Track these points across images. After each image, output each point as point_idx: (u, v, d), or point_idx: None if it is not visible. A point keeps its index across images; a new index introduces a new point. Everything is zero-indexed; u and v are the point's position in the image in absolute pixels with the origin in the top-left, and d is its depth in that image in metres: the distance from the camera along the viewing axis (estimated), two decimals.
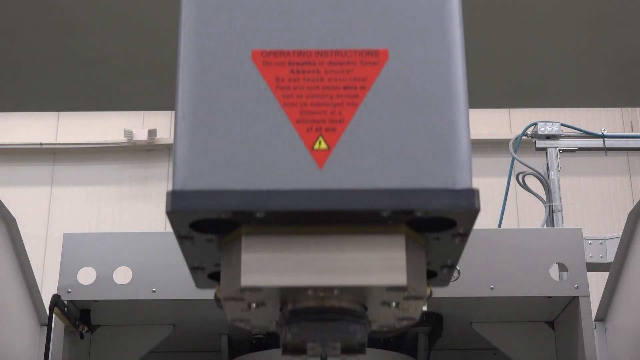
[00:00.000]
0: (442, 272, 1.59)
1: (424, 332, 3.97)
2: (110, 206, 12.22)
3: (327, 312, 1.41)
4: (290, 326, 1.43)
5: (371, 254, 1.37)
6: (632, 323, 3.69)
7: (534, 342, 3.88)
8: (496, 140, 11.66)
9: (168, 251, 3.65)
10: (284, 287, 1.37)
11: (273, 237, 1.38)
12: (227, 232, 1.43)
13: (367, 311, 1.48)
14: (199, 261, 1.53)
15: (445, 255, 1.52)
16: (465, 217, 1.37)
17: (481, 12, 2.31)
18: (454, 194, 1.35)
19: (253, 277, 1.36)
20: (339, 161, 1.38)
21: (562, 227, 6.55)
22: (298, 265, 1.36)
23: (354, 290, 1.39)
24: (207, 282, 1.61)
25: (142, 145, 12.35)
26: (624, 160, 12.10)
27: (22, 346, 3.74)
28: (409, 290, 1.39)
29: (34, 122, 12.39)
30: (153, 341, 3.85)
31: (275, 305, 1.46)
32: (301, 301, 1.43)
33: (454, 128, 1.43)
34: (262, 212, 1.34)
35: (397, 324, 1.55)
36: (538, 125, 7.01)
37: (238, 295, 1.41)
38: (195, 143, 1.40)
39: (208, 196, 1.35)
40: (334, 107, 1.40)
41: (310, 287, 1.38)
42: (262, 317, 1.51)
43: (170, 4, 2.32)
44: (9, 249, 3.63)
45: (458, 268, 3.60)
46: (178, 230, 1.43)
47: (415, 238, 1.43)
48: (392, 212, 1.34)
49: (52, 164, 12.49)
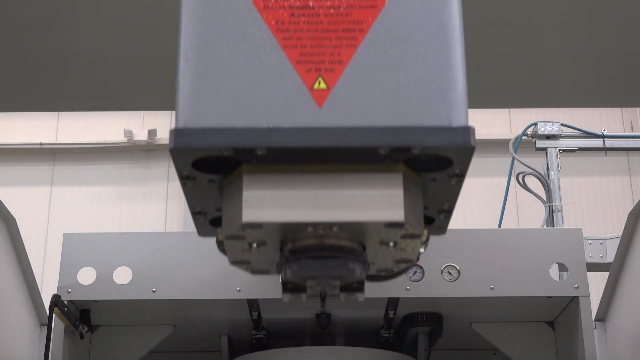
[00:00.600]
0: (439, 218, 1.60)
1: (424, 332, 3.97)
2: (110, 206, 12.22)
3: (327, 250, 1.43)
4: (290, 264, 1.45)
5: (369, 191, 1.39)
6: (632, 323, 3.69)
7: (534, 342, 3.88)
8: (496, 140, 11.65)
9: (168, 251, 3.65)
10: (284, 224, 1.40)
11: (273, 175, 1.40)
12: (228, 172, 1.45)
13: (366, 252, 1.50)
14: (201, 205, 1.54)
15: (442, 199, 1.54)
16: (461, 154, 1.40)
17: (481, 12, 2.31)
18: (450, 131, 1.37)
19: (254, 213, 1.38)
20: (338, 100, 1.41)
21: (562, 227, 6.56)
22: (298, 202, 1.39)
23: (353, 228, 1.41)
24: (208, 228, 1.62)
25: (142, 145, 12.34)
26: (624, 160, 12.10)
27: (22, 346, 3.74)
28: (406, 228, 1.40)
29: (34, 122, 12.38)
30: (153, 341, 3.85)
31: (275, 246, 1.48)
32: (301, 240, 1.45)
33: (450, 68, 1.45)
34: (262, 149, 1.36)
35: (395, 267, 1.57)
36: (538, 125, 7.01)
37: (239, 233, 1.42)
38: (198, 83, 1.43)
39: (210, 133, 1.38)
40: (333, 48, 1.43)
41: (310, 223, 1.39)
42: (262, 259, 1.53)
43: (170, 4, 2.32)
44: (9, 249, 3.63)
45: (458, 268, 3.60)
46: (180, 169, 1.45)
47: (413, 177, 1.45)
48: (389, 150, 1.37)
49: (52, 164, 12.48)
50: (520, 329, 3.88)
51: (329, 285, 1.52)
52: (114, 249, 3.65)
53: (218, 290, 3.57)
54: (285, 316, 3.86)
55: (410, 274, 3.61)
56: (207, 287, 3.57)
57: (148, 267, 3.60)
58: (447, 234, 3.69)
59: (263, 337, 3.97)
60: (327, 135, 1.37)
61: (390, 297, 3.60)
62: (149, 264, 3.61)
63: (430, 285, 3.58)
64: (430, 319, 3.83)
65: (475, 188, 11.79)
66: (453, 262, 3.62)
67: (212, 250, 3.65)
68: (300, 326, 3.98)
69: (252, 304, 3.66)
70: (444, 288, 3.58)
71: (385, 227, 1.41)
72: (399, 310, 3.76)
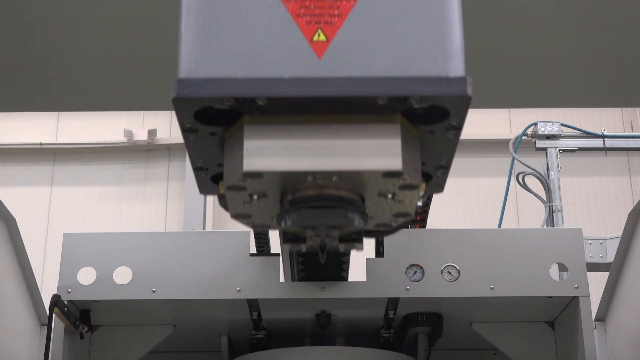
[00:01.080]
0: (437, 175, 1.61)
1: (424, 332, 3.97)
2: (110, 206, 12.22)
3: (326, 200, 1.46)
4: (290, 213, 1.47)
5: (368, 140, 1.42)
6: (632, 323, 3.69)
7: (534, 342, 3.88)
8: (496, 140, 11.65)
9: (168, 251, 3.65)
10: (285, 173, 1.42)
11: (274, 125, 1.43)
12: (229, 124, 1.47)
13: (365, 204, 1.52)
14: (203, 160, 1.57)
15: (439, 153, 1.56)
16: (458, 104, 1.41)
17: (481, 12, 2.31)
18: (446, 81, 1.40)
19: (255, 162, 1.41)
20: (337, 52, 1.43)
21: (562, 227, 6.56)
22: (298, 151, 1.42)
23: (352, 178, 1.44)
24: (210, 186, 1.64)
25: (142, 145, 12.34)
26: (624, 160, 12.10)
27: (22, 346, 3.74)
28: (404, 177, 1.42)
29: (34, 122, 12.39)
30: (153, 341, 3.85)
31: (275, 198, 1.50)
32: (301, 190, 1.47)
33: (447, 20, 1.47)
34: (263, 98, 1.39)
35: (394, 221, 1.59)
36: (538, 125, 7.01)
37: (240, 183, 1.45)
38: (199, 35, 1.46)
39: (212, 83, 1.41)
40: (332, 2, 1.46)
41: (310, 172, 1.42)
42: (263, 212, 1.55)
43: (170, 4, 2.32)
44: (9, 249, 3.63)
45: (458, 268, 3.60)
46: (183, 121, 1.47)
47: (411, 130, 1.47)
48: (388, 100, 1.39)
49: (52, 164, 12.48)
50: (520, 329, 3.88)
51: (328, 235, 1.54)
52: (114, 249, 3.65)
53: (218, 290, 3.56)
54: (285, 316, 3.86)
55: (410, 274, 3.61)
56: (207, 287, 3.57)
57: (148, 267, 3.60)
58: (447, 234, 3.72)
59: (263, 337, 3.97)
60: (326, 86, 1.40)
61: (390, 297, 3.60)
62: (149, 264, 3.61)
63: (430, 285, 3.58)
64: (430, 319, 3.83)
65: (475, 188, 11.79)
66: (453, 262, 3.62)
67: (212, 250, 3.67)
68: (300, 326, 3.98)
69: (252, 304, 3.66)
70: (444, 288, 3.58)
71: (383, 177, 1.44)
72: (399, 310, 3.76)
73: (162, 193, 12.26)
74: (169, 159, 12.41)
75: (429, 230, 3.86)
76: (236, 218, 1.62)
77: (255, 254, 3.68)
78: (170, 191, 12.24)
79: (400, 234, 3.74)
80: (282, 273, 3.74)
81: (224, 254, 3.62)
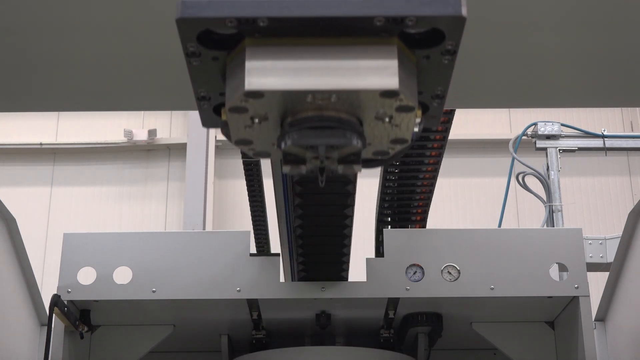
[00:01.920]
0: (433, 105, 1.66)
1: (424, 332, 3.98)
2: (110, 206, 12.21)
3: (326, 120, 1.53)
4: (291, 133, 1.53)
5: (366, 61, 1.49)
6: (632, 323, 3.69)
7: (534, 342, 3.88)
8: (496, 140, 11.65)
9: (168, 251, 3.66)
10: (285, 93, 1.48)
11: (275, 47, 1.50)
12: (231, 48, 1.53)
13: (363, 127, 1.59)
14: (206, 88, 1.62)
15: (435, 81, 1.60)
16: (453, 25, 1.46)
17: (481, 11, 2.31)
18: (442, 2, 1.45)
19: (256, 81, 1.47)
20: None
21: (562, 227, 6.56)
22: (298, 71, 1.49)
23: (350, 98, 1.50)
24: (212, 118, 1.69)
25: (142, 145, 12.34)
26: (624, 160, 12.10)
27: (22, 346, 3.74)
28: (400, 98, 1.48)
29: (34, 122, 12.38)
30: (153, 341, 3.86)
31: (276, 122, 1.56)
32: (301, 112, 1.54)
33: None
34: (264, 19, 1.45)
35: (390, 148, 1.64)
36: (538, 125, 7.02)
37: (242, 104, 1.50)
38: None
39: (214, 4, 1.46)
40: None
41: (310, 91, 1.48)
42: (264, 137, 1.61)
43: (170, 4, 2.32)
44: (9, 249, 3.64)
45: (458, 268, 3.60)
46: (186, 44, 1.51)
47: (408, 54, 1.53)
48: (385, 21, 1.45)
49: (52, 164, 12.48)
50: (520, 329, 3.88)
51: (327, 158, 1.60)
52: (114, 249, 3.66)
53: (218, 290, 3.57)
54: (285, 316, 3.86)
55: (410, 274, 3.61)
56: (207, 287, 3.57)
57: (148, 267, 3.61)
58: (447, 234, 3.72)
59: (263, 337, 3.97)
60: (326, 6, 1.46)
61: (390, 297, 3.61)
62: (149, 264, 3.62)
63: (430, 285, 3.58)
64: (430, 319, 3.83)
65: (475, 188, 11.79)
66: (453, 262, 3.62)
67: (212, 250, 3.67)
68: (300, 326, 3.99)
69: (252, 304, 3.67)
70: (444, 288, 3.58)
71: (380, 97, 1.49)
72: (399, 310, 3.76)
73: (162, 193, 12.26)
74: (169, 159, 12.41)
75: (429, 230, 3.86)
76: (238, 144, 1.66)
77: (255, 254, 3.69)
78: (170, 191, 12.24)
79: (401, 234, 3.75)
80: (282, 273, 3.74)
81: (224, 254, 3.62)
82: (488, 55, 2.55)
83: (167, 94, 2.84)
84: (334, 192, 2.97)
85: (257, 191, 4.76)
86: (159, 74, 2.65)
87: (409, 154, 3.55)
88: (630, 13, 2.38)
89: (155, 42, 2.43)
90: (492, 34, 2.44)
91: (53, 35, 2.42)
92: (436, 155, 3.58)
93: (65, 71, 2.63)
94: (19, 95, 2.81)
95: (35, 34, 2.43)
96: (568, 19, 2.43)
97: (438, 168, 3.68)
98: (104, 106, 3.35)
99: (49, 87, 2.74)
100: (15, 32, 2.41)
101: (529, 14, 2.38)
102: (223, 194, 11.99)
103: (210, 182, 11.80)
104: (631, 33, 2.47)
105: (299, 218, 3.14)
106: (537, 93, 2.85)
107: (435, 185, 3.82)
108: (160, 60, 2.54)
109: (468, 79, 2.72)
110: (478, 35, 2.41)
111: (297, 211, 3.10)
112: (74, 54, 2.52)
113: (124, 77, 2.69)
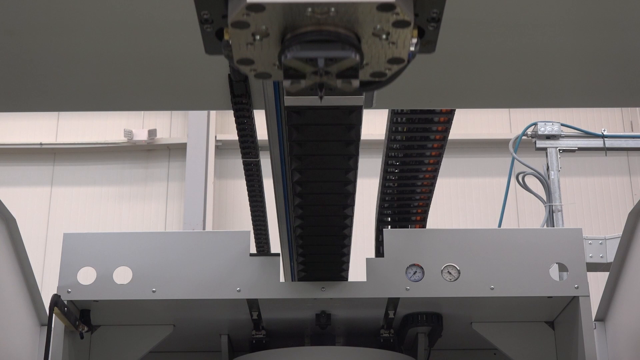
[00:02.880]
0: (429, 29, 1.69)
1: (424, 332, 3.98)
2: (110, 206, 12.22)
3: (325, 34, 1.59)
4: (291, 47, 1.59)
5: None
6: (632, 323, 3.69)
7: (534, 342, 3.88)
8: (496, 140, 11.65)
9: (168, 251, 3.66)
10: (285, 5, 1.53)
11: None
12: None
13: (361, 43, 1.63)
14: (209, 10, 1.65)
15: (431, 2, 1.63)
16: None
17: (481, 11, 2.31)
18: None
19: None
20: None
21: (562, 227, 6.56)
22: None
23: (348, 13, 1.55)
24: (215, 43, 1.72)
25: (142, 145, 12.34)
26: (624, 160, 12.10)
27: (22, 346, 3.74)
28: (397, 12, 1.52)
29: (34, 122, 12.39)
30: (153, 341, 3.86)
31: (276, 39, 1.61)
32: (301, 27, 1.59)
33: None
34: None
35: (387, 68, 1.68)
36: (538, 125, 7.02)
37: (244, 18, 1.54)
38: None
39: None
40: None
41: (309, 4, 1.53)
42: (265, 57, 1.65)
43: (170, 4, 2.32)
44: (9, 249, 3.64)
45: (458, 268, 3.60)
46: None
47: None
48: None
49: (52, 164, 12.48)
50: (520, 329, 3.88)
51: (326, 73, 1.64)
52: (114, 249, 3.66)
53: (218, 290, 3.57)
54: (285, 316, 3.86)
55: (410, 274, 3.61)
56: (207, 287, 3.57)
57: (148, 267, 3.61)
58: (447, 234, 3.72)
59: (263, 337, 3.97)
60: None
61: (390, 297, 3.60)
62: (149, 264, 3.61)
63: (430, 285, 3.58)
64: (430, 319, 3.83)
65: (475, 188, 11.79)
66: (453, 262, 3.62)
67: (212, 250, 3.67)
68: (300, 326, 3.99)
69: (252, 304, 3.67)
70: (444, 288, 3.58)
71: (377, 11, 1.54)
72: (399, 310, 3.76)
73: (162, 193, 12.26)
74: (169, 159, 12.41)
75: (429, 230, 3.86)
76: (240, 64, 1.70)
77: (255, 254, 3.68)
78: (170, 191, 12.25)
79: (401, 234, 3.75)
80: (282, 273, 3.74)
81: (224, 254, 3.62)
82: (488, 55, 2.55)
83: (167, 94, 2.84)
84: (334, 192, 2.97)
85: (257, 191, 4.76)
86: (159, 74, 2.65)
87: (409, 154, 3.54)
88: (631, 13, 2.38)
89: (155, 42, 2.43)
90: (492, 34, 2.44)
91: (53, 35, 2.42)
92: (436, 155, 3.58)
93: (65, 71, 2.63)
94: (19, 95, 2.81)
95: (35, 34, 2.43)
96: (568, 19, 2.43)
97: (438, 168, 3.68)
98: (104, 106, 3.35)
99: (49, 87, 2.75)
100: (15, 32, 2.41)
101: (529, 14, 2.38)
102: (223, 194, 11.99)
103: (210, 182, 11.79)
104: (631, 33, 2.47)
105: (299, 218, 3.14)
106: (537, 93, 2.84)
107: (435, 185, 3.81)
108: (160, 60, 2.54)
109: (468, 79, 2.72)
110: (478, 35, 2.41)
111: (297, 211, 3.10)
112: (74, 54, 2.52)
113: (124, 77, 2.69)
